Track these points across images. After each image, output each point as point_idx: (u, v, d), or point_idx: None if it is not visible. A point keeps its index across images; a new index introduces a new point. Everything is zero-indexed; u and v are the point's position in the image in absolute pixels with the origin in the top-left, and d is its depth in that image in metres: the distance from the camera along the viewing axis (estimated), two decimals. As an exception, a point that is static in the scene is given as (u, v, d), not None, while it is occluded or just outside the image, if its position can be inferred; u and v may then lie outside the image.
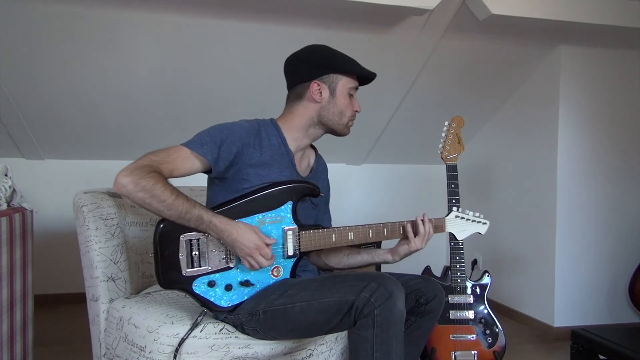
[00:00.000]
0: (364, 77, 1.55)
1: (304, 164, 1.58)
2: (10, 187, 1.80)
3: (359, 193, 3.62)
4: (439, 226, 1.62)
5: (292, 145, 1.52)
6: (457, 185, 1.94)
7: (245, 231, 1.33)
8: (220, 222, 1.33)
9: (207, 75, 2.68)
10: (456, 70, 2.89)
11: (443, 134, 1.98)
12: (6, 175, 1.80)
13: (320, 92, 1.49)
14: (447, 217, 1.64)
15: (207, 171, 1.44)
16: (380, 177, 3.67)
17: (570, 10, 2.38)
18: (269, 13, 2.35)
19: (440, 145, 1.98)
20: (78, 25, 2.29)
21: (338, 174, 3.62)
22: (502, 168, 3.27)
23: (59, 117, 2.80)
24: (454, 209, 1.67)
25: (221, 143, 1.39)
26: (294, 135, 1.52)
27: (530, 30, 2.57)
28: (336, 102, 1.50)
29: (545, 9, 2.34)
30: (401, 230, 1.57)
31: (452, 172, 1.98)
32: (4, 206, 1.74)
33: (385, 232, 1.54)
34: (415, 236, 1.55)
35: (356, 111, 1.55)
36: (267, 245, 1.36)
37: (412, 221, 1.57)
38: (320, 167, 1.66)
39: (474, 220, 1.68)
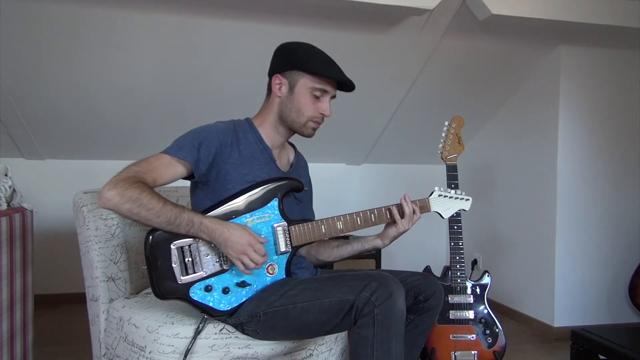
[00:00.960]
0: (342, 83, 1.50)
1: (283, 160, 1.59)
2: (10, 187, 1.80)
3: (359, 193, 3.62)
4: (424, 207, 1.62)
5: (267, 141, 1.53)
6: (457, 185, 1.94)
7: (236, 229, 1.34)
8: (211, 222, 1.33)
9: (208, 75, 2.68)
10: (456, 70, 2.89)
11: (443, 134, 1.98)
12: (6, 175, 1.80)
13: (280, 87, 1.49)
14: (430, 197, 1.65)
15: (190, 176, 1.44)
16: (380, 177, 3.67)
17: (570, 10, 2.38)
18: (268, 13, 2.35)
19: (440, 145, 1.98)
20: (78, 25, 2.29)
21: (338, 174, 3.63)
22: (502, 168, 3.27)
23: (59, 117, 2.80)
24: (436, 188, 1.67)
25: (199, 145, 1.40)
26: (267, 132, 1.53)
27: (530, 30, 2.57)
28: (293, 99, 1.48)
29: (545, 9, 2.34)
30: (388, 215, 1.57)
31: (452, 172, 1.98)
32: (4, 206, 1.74)
33: (373, 218, 1.55)
34: (401, 218, 1.56)
35: (323, 114, 1.51)
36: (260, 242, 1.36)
37: (397, 204, 1.58)
38: (300, 163, 1.67)
39: (457, 197, 1.68)
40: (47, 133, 2.91)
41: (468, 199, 1.70)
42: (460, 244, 2.07)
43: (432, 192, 1.66)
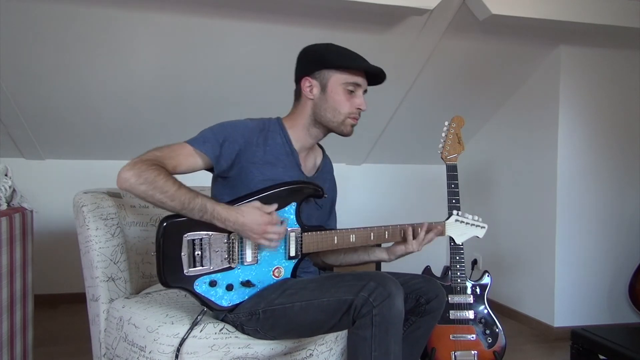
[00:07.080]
0: (372, 74, 1.49)
1: (309, 164, 1.57)
2: (10, 187, 1.80)
3: (359, 193, 3.61)
4: (439, 229, 1.63)
5: (296, 144, 1.51)
6: (457, 185, 1.94)
7: (249, 212, 1.33)
8: (223, 209, 1.33)
9: (207, 75, 2.68)
10: (456, 70, 2.89)
11: (443, 134, 1.98)
12: (6, 175, 1.80)
13: (311, 89, 1.47)
14: (447, 221, 1.65)
15: (210, 168, 1.44)
16: (380, 177, 3.66)
17: (570, 10, 2.38)
18: (269, 13, 2.35)
19: (440, 145, 1.98)
20: (78, 25, 2.29)
21: (338, 174, 3.60)
22: (502, 168, 3.27)
23: (59, 117, 2.80)
24: (454, 212, 1.66)
25: (223, 141, 1.40)
26: (297, 134, 1.51)
27: (530, 30, 2.57)
28: (327, 98, 1.46)
29: (545, 9, 2.34)
30: (402, 234, 1.58)
31: (452, 172, 1.98)
32: (4, 206, 1.74)
33: (387, 235, 1.55)
34: (413, 239, 1.56)
35: (359, 109, 1.48)
36: (271, 214, 1.36)
37: (412, 224, 1.57)
38: (326, 168, 1.65)
39: (473, 224, 1.68)
40: (47, 133, 2.91)
41: (484, 227, 1.70)
42: (460, 244, 2.06)
43: (450, 216, 1.66)
